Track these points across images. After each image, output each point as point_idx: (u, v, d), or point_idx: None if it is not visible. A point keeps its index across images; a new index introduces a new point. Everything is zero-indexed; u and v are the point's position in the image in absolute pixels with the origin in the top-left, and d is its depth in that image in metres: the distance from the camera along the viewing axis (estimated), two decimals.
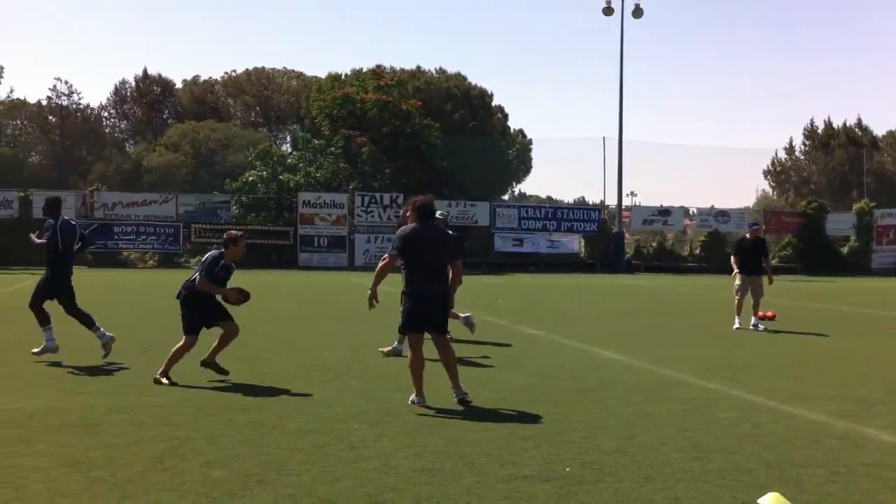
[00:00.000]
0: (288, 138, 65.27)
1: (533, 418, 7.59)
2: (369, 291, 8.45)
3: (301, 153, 44.93)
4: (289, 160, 44.25)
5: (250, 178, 41.66)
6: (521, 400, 8.42)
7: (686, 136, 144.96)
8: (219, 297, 9.24)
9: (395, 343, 11.16)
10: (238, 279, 9.58)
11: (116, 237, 37.45)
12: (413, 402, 8.04)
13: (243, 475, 5.66)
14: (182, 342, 9.05)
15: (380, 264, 8.56)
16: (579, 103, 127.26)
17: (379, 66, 52.56)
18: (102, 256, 37.19)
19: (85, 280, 26.98)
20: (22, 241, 11.34)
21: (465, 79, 57.11)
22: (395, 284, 8.58)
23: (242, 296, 9.21)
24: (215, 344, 9.27)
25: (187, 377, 9.28)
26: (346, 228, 39.66)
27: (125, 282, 26.58)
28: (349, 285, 25.31)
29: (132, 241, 37.78)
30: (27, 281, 25.30)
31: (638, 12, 44.83)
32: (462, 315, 12.37)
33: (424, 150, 42.51)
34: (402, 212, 11.91)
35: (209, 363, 9.24)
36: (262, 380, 9.25)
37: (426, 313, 8.14)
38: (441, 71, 58.58)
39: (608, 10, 44.81)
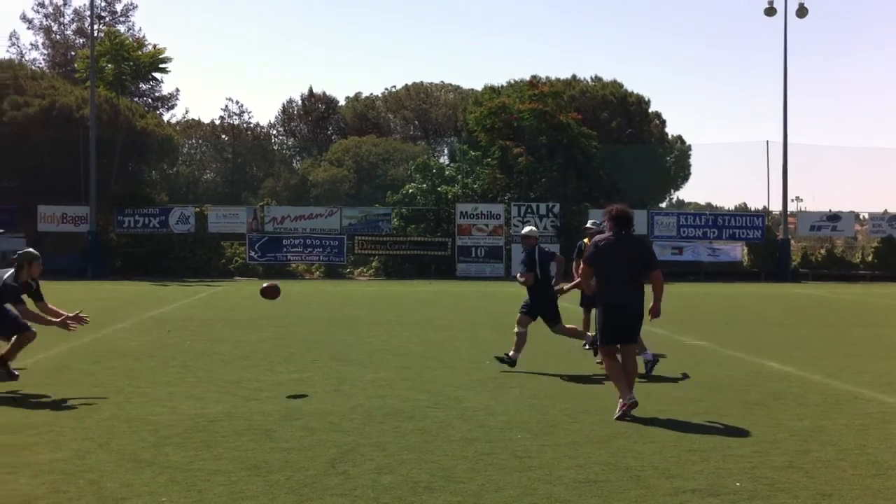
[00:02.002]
0: (445, 150, 66.11)
1: (699, 431, 7.46)
2: (564, 286, 8.59)
3: (458, 165, 45.50)
4: (447, 172, 44.91)
5: (410, 191, 42.49)
6: (686, 412, 8.28)
7: (856, 138, 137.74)
8: None
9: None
10: (396, 290, 9.82)
11: (285, 249, 38.99)
12: (624, 403, 7.89)
13: (412, 481, 5.82)
14: None
15: (580, 279, 8.57)
16: (741, 107, 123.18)
17: (534, 77, 52.56)
18: (271, 269, 38.80)
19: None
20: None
21: (621, 86, 56.23)
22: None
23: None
24: None
25: (359, 386, 9.58)
26: (502, 239, 39.85)
27: (299, 292, 27.60)
28: (506, 295, 25.39)
29: (299, 254, 39.24)
30: (203, 293, 26.67)
31: (802, 11, 42.73)
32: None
33: (582, 160, 42.23)
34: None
35: None
36: (426, 388, 9.45)
37: (622, 323, 8.17)
38: (596, 79, 57.92)
39: (770, 11, 43.01)
